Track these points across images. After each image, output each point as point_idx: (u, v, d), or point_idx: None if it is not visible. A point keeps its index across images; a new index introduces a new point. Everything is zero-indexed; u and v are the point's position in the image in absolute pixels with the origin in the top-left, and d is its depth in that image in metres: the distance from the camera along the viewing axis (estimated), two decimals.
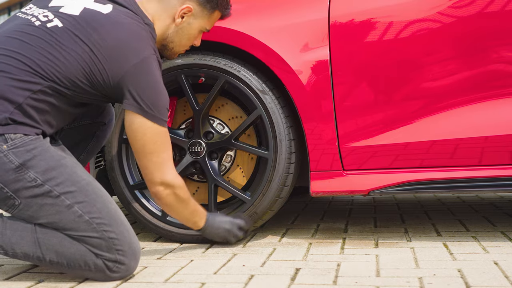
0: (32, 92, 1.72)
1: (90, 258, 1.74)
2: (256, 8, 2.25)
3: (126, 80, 1.76)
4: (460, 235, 2.29)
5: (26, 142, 1.71)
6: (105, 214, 1.75)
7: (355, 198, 3.45)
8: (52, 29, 1.77)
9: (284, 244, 2.25)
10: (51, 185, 1.71)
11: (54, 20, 1.79)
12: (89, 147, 2.16)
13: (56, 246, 1.74)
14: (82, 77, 1.76)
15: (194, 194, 2.42)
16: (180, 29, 1.98)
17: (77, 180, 1.75)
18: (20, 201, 1.72)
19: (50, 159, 1.73)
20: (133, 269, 1.79)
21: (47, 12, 1.82)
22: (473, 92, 2.07)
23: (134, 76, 1.77)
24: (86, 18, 1.79)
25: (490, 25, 2.06)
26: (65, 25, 1.78)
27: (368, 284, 1.67)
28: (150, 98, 1.79)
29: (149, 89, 1.79)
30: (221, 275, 1.82)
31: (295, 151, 2.20)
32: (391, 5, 2.12)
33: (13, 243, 1.76)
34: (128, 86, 1.77)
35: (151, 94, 1.79)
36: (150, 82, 1.79)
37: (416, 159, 2.12)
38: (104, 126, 2.17)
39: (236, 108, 2.35)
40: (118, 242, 1.75)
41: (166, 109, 1.84)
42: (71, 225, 1.73)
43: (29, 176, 1.70)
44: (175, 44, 2.00)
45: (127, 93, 1.78)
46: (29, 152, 1.71)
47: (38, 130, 1.75)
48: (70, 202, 1.72)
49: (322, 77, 2.13)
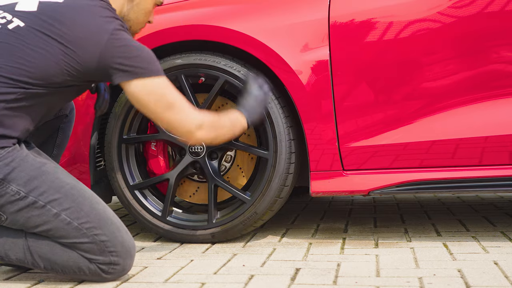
0: (6, 102, 1.68)
1: (83, 263, 1.73)
2: (256, 8, 2.25)
3: (104, 58, 1.73)
4: (460, 235, 2.29)
5: (3, 156, 1.68)
6: (94, 217, 1.73)
7: (355, 198, 3.45)
8: (15, 30, 1.73)
9: (284, 244, 2.25)
10: (35, 195, 1.69)
11: (14, 20, 1.75)
12: (58, 141, 2.14)
13: (48, 254, 1.74)
14: (59, 73, 1.72)
15: (194, 194, 2.42)
16: (136, 5, 1.95)
17: (60, 186, 1.72)
18: (6, 216, 1.71)
19: (30, 168, 1.70)
20: (128, 267, 1.78)
21: (3, 13, 1.77)
22: (473, 92, 2.07)
23: (110, 51, 1.73)
24: (46, 12, 1.75)
25: (490, 25, 2.06)
26: (27, 24, 1.73)
27: (368, 284, 1.67)
28: (133, 58, 1.75)
29: (128, 52, 1.75)
30: (221, 275, 1.82)
31: (295, 151, 2.20)
32: (391, 5, 2.12)
33: (6, 249, 1.76)
34: (110, 62, 1.74)
35: (132, 55, 1.75)
36: (126, 46, 1.75)
37: (416, 159, 2.12)
38: (67, 118, 2.15)
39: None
40: (110, 244, 1.73)
41: (154, 59, 1.80)
42: (61, 233, 1.71)
43: (11, 190, 1.68)
44: (132, 22, 1.97)
45: (112, 69, 1.74)
46: (8, 165, 1.68)
47: (14, 140, 1.72)
48: (57, 210, 1.70)
49: (322, 77, 2.13)
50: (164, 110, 1.80)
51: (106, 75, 1.77)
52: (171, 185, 2.29)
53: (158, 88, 1.79)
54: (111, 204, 3.17)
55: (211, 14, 2.25)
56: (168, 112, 1.80)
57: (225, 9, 2.28)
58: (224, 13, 2.25)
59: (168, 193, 2.29)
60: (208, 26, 2.21)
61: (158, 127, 2.28)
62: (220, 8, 2.29)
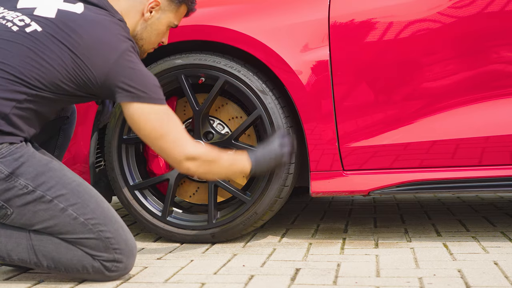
0: (18, 101, 1.72)
1: (87, 261, 1.74)
2: (256, 8, 2.25)
3: (111, 76, 1.76)
4: (460, 235, 2.29)
5: (13, 151, 1.70)
6: (99, 213, 1.75)
7: (355, 198, 3.45)
8: (32, 34, 1.75)
9: (284, 244, 2.25)
10: (42, 190, 1.71)
11: (32, 24, 1.77)
12: (59, 143, 2.16)
13: (53, 252, 1.74)
14: (68, 80, 1.76)
15: (194, 194, 2.42)
16: (149, 25, 1.98)
17: (67, 182, 1.75)
18: (13, 210, 1.72)
19: (38, 164, 1.73)
20: (131, 266, 1.79)
21: (22, 16, 1.79)
22: (473, 92, 2.07)
23: (118, 71, 1.76)
24: (63, 20, 1.78)
25: (490, 25, 2.05)
26: (44, 29, 1.76)
27: (368, 284, 1.68)
28: (139, 82, 1.78)
29: (135, 76, 1.78)
30: (221, 275, 1.82)
31: (295, 151, 2.20)
32: (391, 5, 2.12)
33: (8, 249, 1.76)
34: (115, 81, 1.77)
35: (138, 79, 1.79)
36: (134, 69, 1.79)
37: (416, 159, 2.12)
38: (68, 120, 2.16)
39: (236, 108, 2.35)
40: (114, 241, 1.74)
41: (158, 87, 1.83)
42: (67, 228, 1.72)
43: (19, 184, 1.70)
44: (144, 41, 2.00)
45: (116, 88, 1.78)
46: (17, 160, 1.70)
47: (21, 138, 1.75)
48: (64, 205, 1.72)
49: (322, 77, 2.13)
50: (157, 138, 1.83)
51: (110, 93, 1.80)
52: (171, 185, 2.29)
53: (157, 116, 1.82)
54: (111, 204, 3.16)
55: (211, 14, 2.25)
56: (160, 140, 1.83)
57: (225, 9, 2.28)
58: (224, 13, 2.25)
59: (168, 193, 2.29)
60: (208, 26, 2.21)
61: None
62: (220, 8, 2.29)
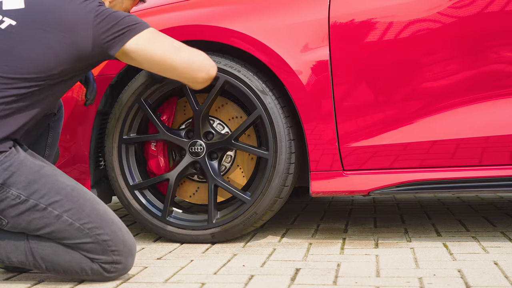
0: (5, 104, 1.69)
1: (86, 264, 1.73)
2: (256, 8, 2.25)
3: (97, 36, 1.76)
4: (460, 235, 2.29)
5: (1, 161, 1.68)
6: (95, 217, 1.73)
7: (355, 198, 3.45)
8: (8, 30, 1.74)
9: (284, 244, 2.25)
10: (35, 198, 1.70)
11: (5, 20, 1.76)
12: (49, 141, 2.13)
13: (51, 255, 1.74)
14: (58, 64, 1.74)
15: (194, 194, 2.42)
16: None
17: (61, 188, 1.73)
18: (7, 220, 1.71)
19: (29, 172, 1.71)
20: (130, 266, 1.79)
21: None
22: (473, 92, 2.07)
23: (99, 27, 1.76)
24: (34, 6, 1.77)
25: (490, 25, 2.05)
26: (18, 22, 1.75)
27: (368, 284, 1.67)
28: (121, 21, 1.79)
29: (114, 19, 1.79)
30: (221, 275, 1.82)
31: (295, 151, 2.20)
32: (391, 5, 2.12)
33: (8, 252, 1.76)
34: (103, 37, 1.77)
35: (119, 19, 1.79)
36: (110, 16, 1.79)
37: (416, 159, 2.12)
38: (55, 116, 2.14)
39: (236, 108, 2.35)
40: (112, 243, 1.74)
41: (139, 18, 1.84)
42: (64, 234, 1.72)
43: (12, 194, 1.69)
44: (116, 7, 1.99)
45: (107, 42, 1.78)
46: (6, 170, 1.68)
47: (10, 143, 1.73)
48: (58, 212, 1.71)
49: (322, 77, 2.13)
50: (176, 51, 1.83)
51: (103, 52, 1.80)
52: (171, 185, 2.29)
53: (156, 33, 1.82)
54: (111, 204, 3.17)
55: (211, 14, 2.25)
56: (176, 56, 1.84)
57: (225, 9, 2.28)
58: (224, 13, 2.25)
59: (168, 193, 2.29)
60: (208, 26, 2.21)
61: (158, 127, 2.27)
62: (220, 8, 2.29)
